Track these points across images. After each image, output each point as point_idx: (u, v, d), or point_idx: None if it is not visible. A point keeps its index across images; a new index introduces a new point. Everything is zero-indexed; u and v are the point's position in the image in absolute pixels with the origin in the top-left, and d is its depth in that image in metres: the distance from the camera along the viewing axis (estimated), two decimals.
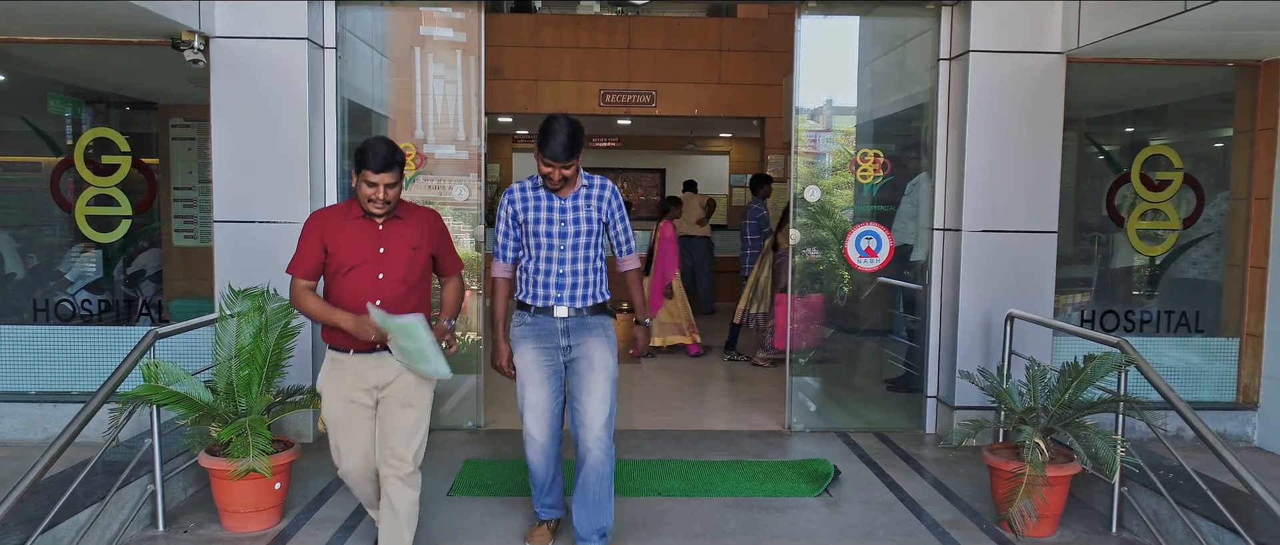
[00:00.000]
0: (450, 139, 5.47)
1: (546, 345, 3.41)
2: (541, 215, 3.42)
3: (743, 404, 6.30)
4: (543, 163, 3.28)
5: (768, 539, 3.80)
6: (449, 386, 5.76)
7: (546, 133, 3.25)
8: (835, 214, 5.63)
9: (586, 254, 3.43)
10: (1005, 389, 3.93)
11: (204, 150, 5.85)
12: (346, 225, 3.14)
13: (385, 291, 3.13)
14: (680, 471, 4.65)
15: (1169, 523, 3.69)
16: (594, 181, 3.49)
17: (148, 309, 5.56)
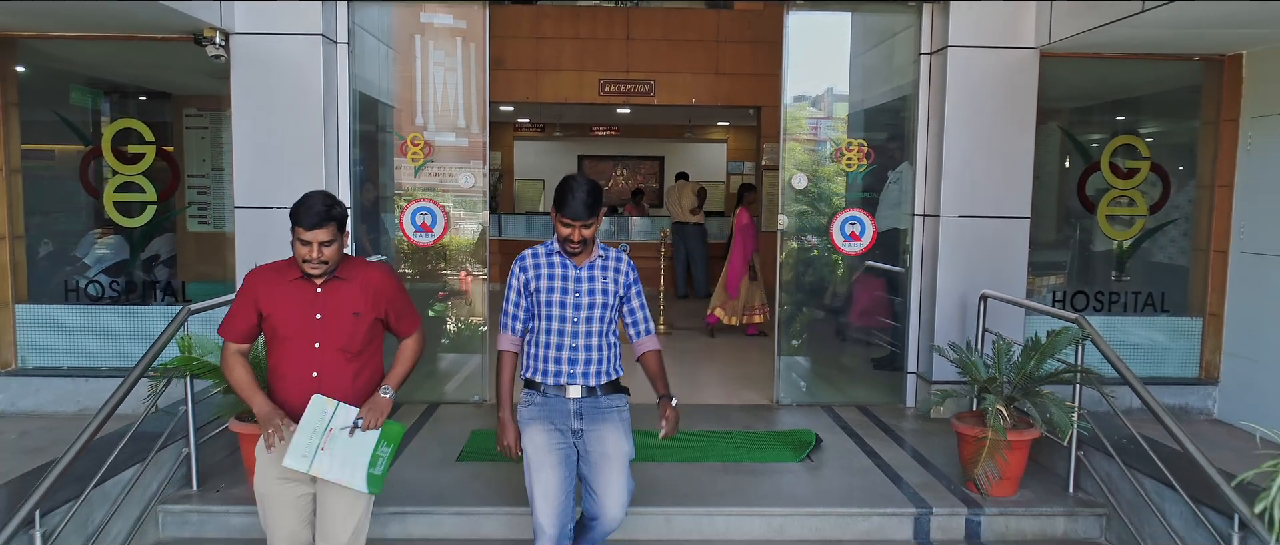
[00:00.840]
0: (454, 127, 5.78)
1: (558, 427, 3.15)
2: (555, 285, 3.16)
3: (735, 381, 6.63)
4: (561, 222, 3.07)
5: (752, 499, 4.13)
6: (455, 365, 6.10)
7: (565, 192, 3.05)
8: (821, 200, 5.94)
9: (600, 328, 3.19)
10: (972, 361, 4.25)
11: (216, 139, 6.14)
12: (282, 287, 2.89)
13: (322, 362, 2.88)
14: (674, 441, 4.97)
15: (1119, 483, 4.02)
16: (610, 252, 3.29)
17: (164, 291, 5.87)
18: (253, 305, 2.90)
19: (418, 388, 5.86)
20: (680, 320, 9.51)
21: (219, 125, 6.09)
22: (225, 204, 5.87)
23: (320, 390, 2.87)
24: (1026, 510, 4.08)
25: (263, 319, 2.91)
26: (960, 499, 4.14)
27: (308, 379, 2.88)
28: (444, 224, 5.73)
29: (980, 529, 4.05)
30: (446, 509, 3.99)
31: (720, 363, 7.39)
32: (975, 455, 4.01)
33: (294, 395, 2.90)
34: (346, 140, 5.56)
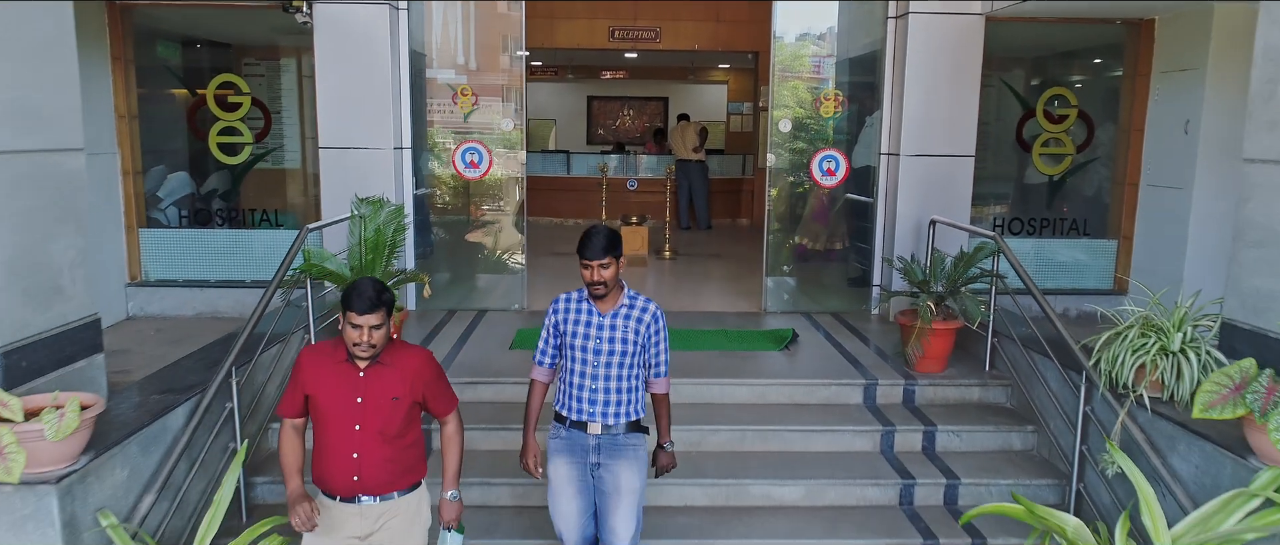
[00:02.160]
0: (495, 79, 6.91)
1: (577, 460, 3.44)
2: (580, 330, 3.44)
3: (730, 295, 7.88)
4: (583, 265, 3.33)
5: (741, 374, 5.39)
6: (498, 282, 7.33)
7: (584, 238, 3.33)
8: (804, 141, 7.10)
9: (620, 372, 3.42)
10: (912, 268, 5.46)
11: (273, 85, 7.20)
12: (329, 368, 3.00)
13: (362, 444, 2.99)
14: (679, 335, 6.23)
15: (1020, 361, 5.25)
16: (638, 302, 3.49)
17: (234, 218, 7.05)
18: (300, 387, 3.03)
19: (468, 297, 7.11)
20: (683, 247, 10.70)
21: (274, 74, 7.18)
22: (283, 143, 7.04)
23: (360, 470, 3.00)
24: (950, 382, 5.34)
25: (308, 399, 3.04)
26: (901, 375, 5.39)
27: (348, 459, 2.98)
28: (489, 161, 6.89)
29: (914, 396, 5.30)
30: (506, 379, 5.25)
31: (718, 281, 8.62)
32: (909, 338, 5.25)
33: (335, 473, 3.02)
34: (407, 91, 6.69)
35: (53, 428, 2.94)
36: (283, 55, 7.30)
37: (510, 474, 4.50)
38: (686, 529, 4.37)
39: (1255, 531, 3.10)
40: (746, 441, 4.94)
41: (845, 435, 4.97)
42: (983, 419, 5.09)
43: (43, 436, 2.93)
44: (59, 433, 2.94)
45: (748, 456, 4.85)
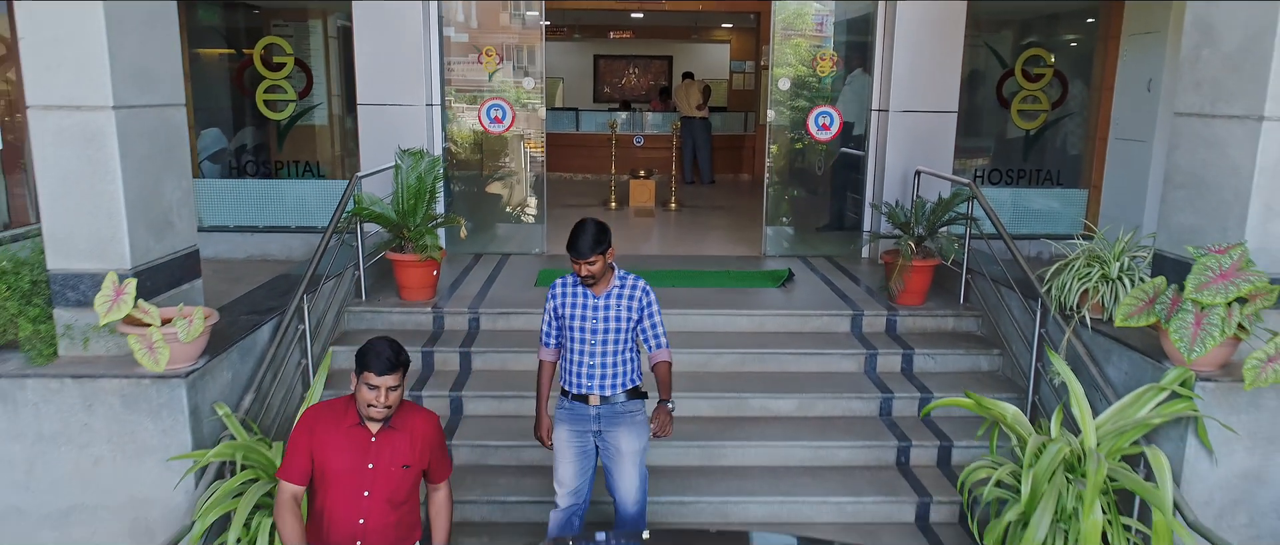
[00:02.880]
0: (516, 41, 7.50)
1: (579, 429, 3.75)
2: (577, 312, 3.73)
3: (733, 241, 8.54)
4: (572, 261, 3.65)
5: (742, 306, 6.07)
6: (520, 229, 7.98)
7: (573, 236, 3.62)
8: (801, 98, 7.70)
9: (617, 347, 3.72)
10: (895, 212, 6.11)
11: (300, 45, 7.76)
12: (339, 434, 2.90)
13: (370, 510, 2.93)
14: (686, 275, 6.91)
15: (990, 296, 5.91)
16: (628, 281, 3.79)
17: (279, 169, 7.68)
18: (306, 450, 2.89)
19: (491, 243, 7.78)
20: (688, 200, 11.33)
21: (302, 34, 7.75)
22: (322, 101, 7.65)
23: (364, 536, 2.92)
24: (927, 313, 6.01)
25: (313, 463, 2.92)
26: (884, 307, 6.06)
27: (353, 524, 2.89)
28: (511, 117, 7.51)
29: (895, 325, 5.98)
30: (536, 310, 5.92)
31: (721, 230, 9.28)
32: (891, 273, 5.93)
33: (338, 539, 2.93)
34: (438, 52, 7.28)
35: (185, 330, 3.62)
36: (310, 16, 7.88)
37: None
38: (695, 435, 5.06)
39: (1161, 417, 3.79)
40: (747, 364, 5.63)
41: (833, 358, 5.65)
42: (955, 344, 5.77)
43: (177, 338, 3.61)
44: (189, 335, 3.63)
45: (748, 376, 5.54)
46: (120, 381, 3.68)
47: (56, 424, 3.70)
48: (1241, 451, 3.89)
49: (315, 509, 2.95)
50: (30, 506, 3.78)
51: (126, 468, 3.75)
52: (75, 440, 3.71)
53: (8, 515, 3.79)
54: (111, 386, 3.67)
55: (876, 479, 4.88)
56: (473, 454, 4.93)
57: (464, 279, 6.70)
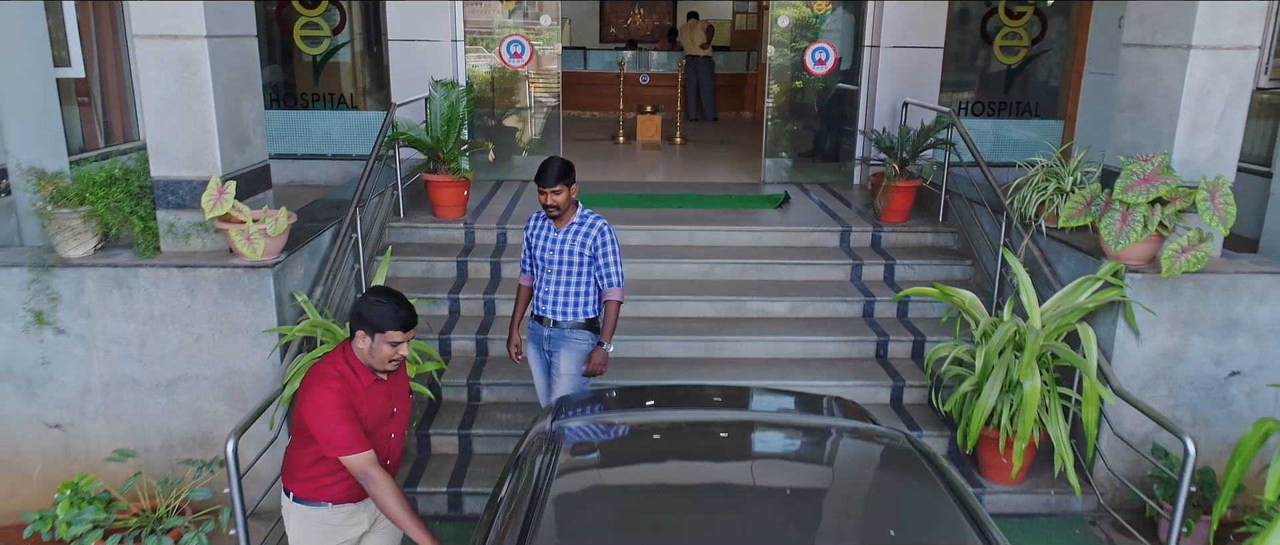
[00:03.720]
0: None
1: (537, 347, 4.26)
2: (541, 243, 4.15)
3: (734, 171, 9.17)
4: (539, 191, 3.99)
5: (742, 224, 6.73)
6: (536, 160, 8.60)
7: (541, 168, 3.97)
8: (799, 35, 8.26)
9: (570, 278, 4.09)
10: (881, 138, 6.74)
11: None
12: (363, 393, 2.96)
13: (393, 448, 3.12)
14: (691, 198, 7.57)
15: (965, 213, 6.57)
16: (588, 219, 4.10)
17: (315, 101, 8.28)
18: (356, 418, 2.91)
19: (511, 171, 8.42)
20: (691, 135, 11.92)
21: None
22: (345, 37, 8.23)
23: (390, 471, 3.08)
24: (909, 229, 6.68)
25: None
26: (871, 224, 6.73)
27: (382, 466, 2.96)
28: (530, 53, 8.09)
29: (880, 240, 6.65)
30: None
31: (723, 161, 9.90)
32: (877, 192, 6.58)
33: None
34: None
35: (272, 226, 4.30)
36: None
37: None
38: (699, 332, 5.77)
39: (1095, 302, 4.49)
40: (745, 273, 6.31)
41: (823, 267, 6.34)
42: (932, 256, 6.45)
43: (267, 232, 4.30)
44: (276, 230, 4.31)
45: (746, 283, 6.23)
46: (218, 271, 4.36)
47: (164, 306, 4.40)
48: (1162, 333, 4.60)
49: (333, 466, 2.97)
50: (143, 376, 4.50)
51: (223, 343, 4.46)
52: (180, 320, 4.41)
53: (124, 384, 4.51)
54: (211, 275, 4.36)
55: (858, 368, 5.60)
56: (503, 348, 5.63)
57: (489, 201, 7.37)
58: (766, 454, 2.91)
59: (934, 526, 2.36)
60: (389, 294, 2.96)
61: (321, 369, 2.96)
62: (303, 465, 3.02)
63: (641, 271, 6.15)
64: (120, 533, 3.85)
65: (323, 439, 2.89)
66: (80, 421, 4.57)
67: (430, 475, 4.87)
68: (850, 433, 2.95)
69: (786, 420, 3.18)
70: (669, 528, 2.33)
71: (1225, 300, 4.55)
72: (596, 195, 7.64)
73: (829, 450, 2.88)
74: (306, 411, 2.90)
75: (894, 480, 2.69)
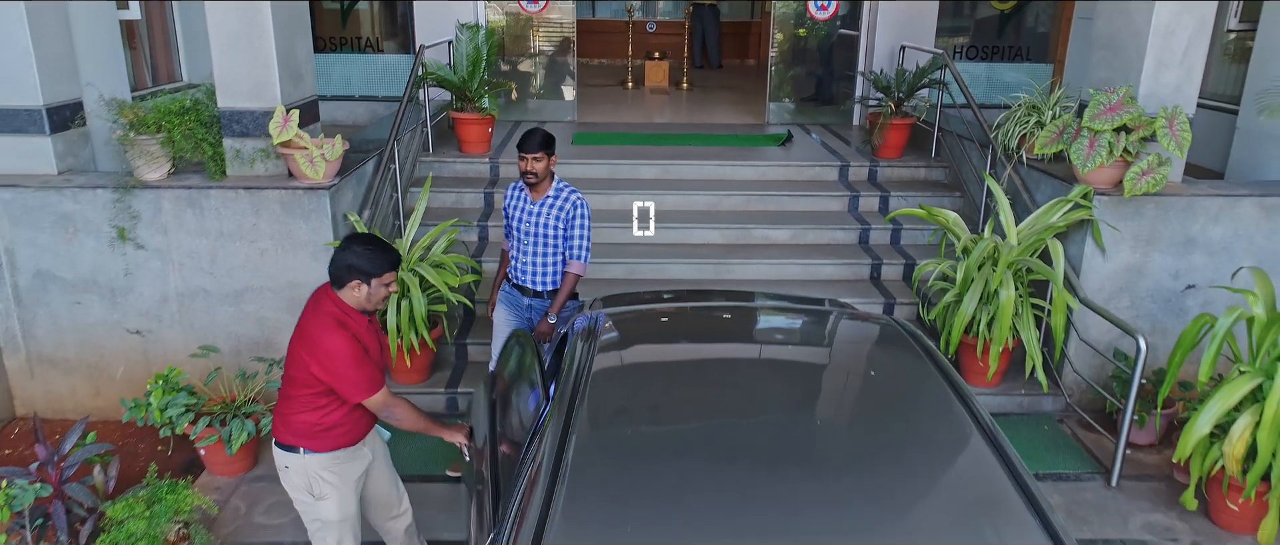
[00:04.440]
0: None
1: (514, 309, 4.38)
2: (517, 214, 4.25)
3: (739, 113, 9.63)
4: (519, 157, 4.10)
5: (745, 160, 7.22)
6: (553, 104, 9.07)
7: (524, 137, 4.09)
8: None
9: (545, 247, 4.19)
10: (879, 78, 7.20)
11: None
12: (366, 334, 3.10)
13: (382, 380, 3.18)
14: (699, 137, 8.05)
15: (956, 149, 7.05)
16: (563, 192, 4.18)
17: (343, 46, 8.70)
18: (372, 362, 3.07)
19: (530, 112, 8.88)
20: (698, 82, 12.33)
21: None
22: None
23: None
24: (904, 164, 7.17)
25: None
26: (868, 160, 7.21)
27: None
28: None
29: (877, 174, 7.14)
30: (573, 162, 7.08)
31: (728, 105, 10.35)
32: (874, 129, 7.06)
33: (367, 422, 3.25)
34: None
35: (330, 151, 4.80)
36: None
37: None
38: (708, 256, 6.29)
39: (1066, 221, 5.00)
40: (750, 204, 6.82)
41: (823, 199, 6.84)
42: (925, 189, 6.95)
43: (325, 157, 4.80)
44: (333, 154, 4.81)
45: (751, 213, 6.74)
46: (280, 192, 4.88)
47: (232, 224, 4.92)
48: (1126, 250, 5.12)
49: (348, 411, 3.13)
50: (213, 287, 5.04)
51: (285, 258, 4.98)
52: (246, 237, 4.94)
53: (197, 294, 5.05)
54: (273, 196, 4.88)
55: (853, 288, 6.13)
56: None
57: (511, 138, 7.85)
58: (776, 331, 3.44)
59: (918, 387, 2.86)
60: (371, 240, 3.06)
61: (321, 322, 3.01)
62: (313, 421, 3.09)
63: (655, 202, 6.67)
64: (207, 416, 4.41)
65: (345, 386, 3.00)
66: (157, 328, 5.13)
67: (468, 380, 5.44)
68: (848, 315, 3.48)
69: (793, 305, 3.70)
70: (693, 391, 2.85)
71: (1183, 220, 5.06)
72: (611, 134, 8.13)
73: (830, 327, 3.41)
74: (321, 364, 2.97)
75: (884, 352, 3.22)
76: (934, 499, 2.28)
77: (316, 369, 2.99)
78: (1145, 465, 4.86)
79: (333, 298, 3.06)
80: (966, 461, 2.41)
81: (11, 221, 4.88)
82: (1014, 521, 2.14)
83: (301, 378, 3.04)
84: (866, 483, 2.32)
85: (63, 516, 3.80)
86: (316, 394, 3.05)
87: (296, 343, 3.06)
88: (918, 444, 2.53)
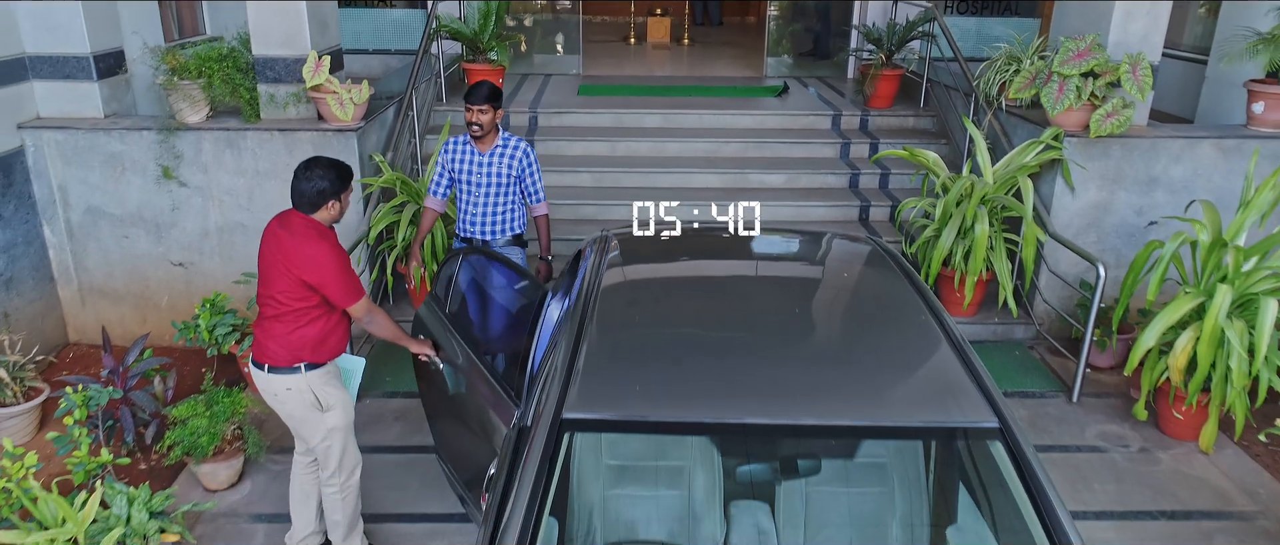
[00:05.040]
0: None
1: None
2: (466, 168, 4.25)
3: (739, 67, 9.98)
4: (466, 109, 4.16)
5: (743, 110, 7.60)
6: (557, 53, 9.42)
7: (472, 88, 4.14)
8: None
9: (499, 199, 4.25)
10: (871, 30, 7.55)
11: None
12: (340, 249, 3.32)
13: None
14: (699, 88, 8.42)
15: (944, 99, 7.42)
16: (510, 142, 4.26)
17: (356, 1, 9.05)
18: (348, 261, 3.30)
19: (535, 66, 9.23)
20: (698, 38, 12.66)
21: None
22: None
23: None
24: (893, 114, 7.55)
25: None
26: (859, 110, 7.60)
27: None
28: None
29: (867, 123, 7.53)
30: (580, 110, 7.46)
31: (728, 59, 10.69)
32: (866, 79, 7.44)
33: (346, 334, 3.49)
34: None
35: (357, 94, 5.20)
36: None
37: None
38: (707, 199, 6.68)
39: (1038, 161, 5.41)
40: (747, 150, 7.22)
41: (816, 146, 7.24)
42: (913, 137, 7.34)
43: (354, 100, 5.20)
44: (361, 97, 5.21)
45: (748, 159, 7.14)
46: (311, 133, 5.28)
47: (267, 163, 5.33)
48: (1094, 188, 5.53)
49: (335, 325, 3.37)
50: (250, 222, 5.46)
51: None
52: (280, 175, 5.35)
53: (235, 229, 5.48)
54: (305, 136, 5.28)
55: (843, 229, 6.54)
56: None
57: (519, 90, 8.23)
58: (770, 250, 3.86)
59: (890, 295, 3.27)
60: (329, 162, 3.25)
61: (304, 237, 3.20)
62: (313, 335, 3.29)
63: (657, 149, 7.07)
64: (251, 335, 4.86)
65: (336, 291, 3.21)
66: (199, 260, 5.56)
67: None
68: (836, 236, 3.90)
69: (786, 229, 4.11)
70: (692, 298, 3.28)
71: (1146, 160, 5.46)
72: (615, 86, 8.50)
73: (818, 246, 3.83)
74: (314, 273, 3.17)
75: (864, 266, 3.62)
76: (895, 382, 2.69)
77: (311, 277, 3.16)
78: (1105, 385, 5.32)
79: (304, 219, 3.24)
80: (925, 350, 2.83)
81: (64, 161, 5.30)
82: (966, 402, 2.52)
83: (292, 294, 3.21)
84: (841, 370, 2.74)
85: (129, 419, 4.26)
86: (310, 308, 3.23)
87: (277, 265, 3.21)
88: (886, 340, 2.95)
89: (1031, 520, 2.33)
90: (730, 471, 3.08)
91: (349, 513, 3.62)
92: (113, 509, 3.36)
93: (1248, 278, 4.32)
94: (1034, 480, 2.34)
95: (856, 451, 3.11)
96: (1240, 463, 4.57)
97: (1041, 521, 2.28)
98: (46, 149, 5.27)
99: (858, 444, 3.08)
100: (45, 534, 2.97)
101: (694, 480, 3.08)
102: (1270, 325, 4.07)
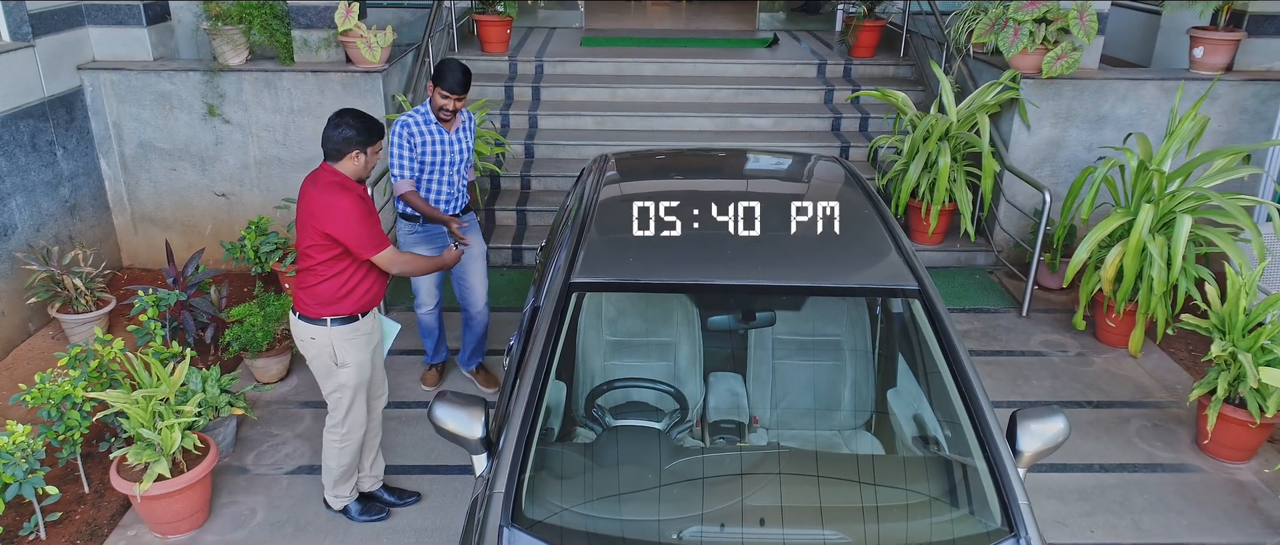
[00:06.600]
0: None
1: (436, 246, 4.31)
2: (437, 147, 4.13)
3: (731, 21, 10.50)
4: (441, 94, 3.95)
5: (735, 59, 8.15)
6: (560, 9, 9.92)
7: (446, 71, 3.93)
8: None
9: (462, 171, 4.29)
10: None
11: None
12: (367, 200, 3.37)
13: None
14: (695, 40, 8.96)
15: (922, 49, 7.97)
16: (464, 115, 4.26)
17: None
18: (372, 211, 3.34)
19: (539, 20, 9.75)
20: None
21: None
22: None
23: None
24: (875, 63, 8.10)
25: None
26: (843, 59, 8.14)
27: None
28: None
29: (851, 72, 8.08)
30: (583, 59, 8.01)
31: (721, 16, 11.19)
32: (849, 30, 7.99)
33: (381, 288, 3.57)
34: None
35: (382, 39, 5.77)
36: None
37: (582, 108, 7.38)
38: (700, 141, 7.29)
39: (997, 100, 5.98)
40: (738, 96, 7.78)
41: (802, 93, 7.80)
42: (892, 83, 7.89)
43: (381, 44, 5.77)
44: (385, 42, 5.78)
45: (739, 104, 7.71)
46: (341, 75, 5.86)
47: (301, 102, 5.91)
48: (1048, 126, 6.11)
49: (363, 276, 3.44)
50: (286, 156, 6.06)
51: None
52: (313, 113, 5.94)
53: (272, 163, 6.08)
54: (335, 78, 5.86)
55: None
56: (548, 150, 7.18)
57: (525, 42, 8.77)
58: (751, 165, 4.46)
59: (844, 193, 3.86)
60: (360, 114, 3.28)
61: (326, 189, 3.25)
62: (335, 288, 3.37)
63: (654, 95, 7.64)
64: (293, 252, 5.49)
65: (357, 241, 3.25)
66: (239, 191, 6.17)
67: (496, 238, 6.50)
68: (806, 156, 4.49)
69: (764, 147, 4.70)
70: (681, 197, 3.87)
71: (1095, 100, 6.03)
72: (616, 37, 9.03)
73: (791, 161, 4.42)
74: (335, 224, 3.21)
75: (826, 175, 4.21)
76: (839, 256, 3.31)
77: (331, 228, 3.21)
78: (1052, 302, 5.95)
79: (330, 171, 3.29)
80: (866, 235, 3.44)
81: (119, 99, 5.88)
82: (894, 270, 3.13)
83: (318, 245, 3.28)
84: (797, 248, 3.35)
85: (190, 322, 4.90)
86: (333, 260, 3.31)
87: (305, 217, 3.29)
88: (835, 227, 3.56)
89: (942, 363, 2.96)
90: (710, 347, 3.72)
91: (345, 464, 3.73)
92: (189, 385, 4.00)
93: (1171, 198, 4.91)
94: (944, 332, 2.96)
95: (815, 329, 3.74)
96: (1163, 364, 5.21)
97: (948, 363, 2.91)
98: (103, 88, 5.85)
99: (817, 319, 3.71)
100: (142, 392, 3.60)
101: (679, 353, 3.73)
102: (1185, 238, 4.67)
